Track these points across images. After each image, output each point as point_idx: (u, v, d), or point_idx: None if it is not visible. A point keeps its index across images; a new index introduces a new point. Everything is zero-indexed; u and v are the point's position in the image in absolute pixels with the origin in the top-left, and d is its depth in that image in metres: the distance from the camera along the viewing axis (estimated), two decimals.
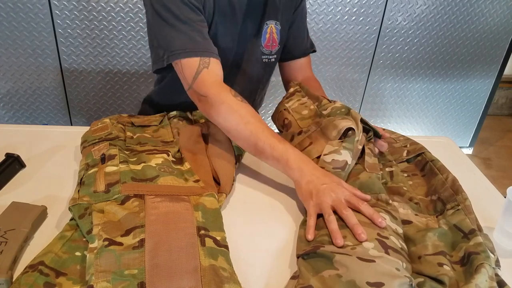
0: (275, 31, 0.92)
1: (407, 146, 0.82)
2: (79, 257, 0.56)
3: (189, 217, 0.60)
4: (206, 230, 0.58)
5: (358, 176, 0.69)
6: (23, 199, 0.66)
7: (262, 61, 0.95)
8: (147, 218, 0.58)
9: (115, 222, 0.58)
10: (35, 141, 0.85)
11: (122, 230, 0.57)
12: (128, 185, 0.64)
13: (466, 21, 1.83)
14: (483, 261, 0.53)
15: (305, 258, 0.55)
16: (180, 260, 0.52)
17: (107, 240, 0.55)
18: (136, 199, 0.62)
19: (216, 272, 0.52)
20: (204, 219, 0.61)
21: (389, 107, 2.04)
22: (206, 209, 0.63)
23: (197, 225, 0.59)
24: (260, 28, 0.90)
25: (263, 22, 0.90)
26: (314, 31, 1.76)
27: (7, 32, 1.59)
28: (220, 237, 0.58)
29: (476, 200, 0.68)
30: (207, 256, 0.54)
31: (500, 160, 2.26)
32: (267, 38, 0.92)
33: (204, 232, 0.58)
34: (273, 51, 0.95)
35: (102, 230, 0.56)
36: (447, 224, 0.63)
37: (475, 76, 2.00)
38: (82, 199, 0.63)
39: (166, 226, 0.57)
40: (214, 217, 0.62)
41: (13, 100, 1.76)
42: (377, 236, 0.55)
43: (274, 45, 0.94)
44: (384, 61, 1.89)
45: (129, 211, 0.60)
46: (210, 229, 0.59)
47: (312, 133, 0.77)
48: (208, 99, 0.73)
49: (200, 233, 0.57)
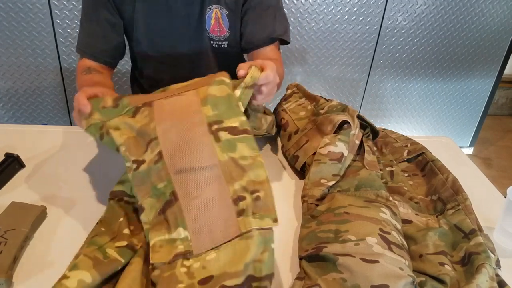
0: (220, 16, 0.91)
1: (408, 146, 0.82)
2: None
3: (197, 108, 0.59)
4: (219, 123, 0.58)
5: (358, 173, 0.69)
6: (22, 199, 0.66)
7: (211, 46, 0.94)
8: (157, 127, 0.59)
9: (134, 138, 0.60)
10: (35, 141, 0.85)
11: (142, 146, 0.59)
12: (135, 96, 0.64)
13: (466, 21, 1.82)
14: (483, 261, 0.54)
15: (309, 260, 0.55)
16: (199, 160, 0.54)
17: (134, 162, 0.58)
18: (145, 108, 0.62)
19: (236, 163, 0.54)
20: (216, 111, 0.59)
21: (389, 107, 2.04)
22: (216, 98, 0.60)
23: (208, 121, 0.58)
24: (202, 12, 0.90)
25: (205, 6, 0.89)
26: (314, 31, 1.76)
27: (7, 32, 1.59)
28: (238, 123, 0.58)
29: (477, 200, 0.67)
30: (224, 151, 0.55)
31: (500, 160, 2.26)
32: (212, 23, 0.91)
33: (217, 126, 0.57)
34: (222, 36, 0.93)
35: (127, 150, 0.59)
36: (448, 224, 0.63)
37: (475, 76, 2.00)
38: (93, 118, 0.62)
39: (177, 129, 0.58)
40: (227, 105, 0.59)
41: (12, 100, 1.76)
42: (379, 232, 0.55)
43: (222, 30, 0.93)
44: (384, 61, 1.89)
45: (141, 124, 0.60)
46: (225, 119, 0.58)
47: (309, 131, 0.77)
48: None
49: (212, 129, 0.57)
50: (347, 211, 0.60)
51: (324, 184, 0.68)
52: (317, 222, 0.61)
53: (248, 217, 0.52)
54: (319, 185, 0.68)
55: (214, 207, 0.53)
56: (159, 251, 0.52)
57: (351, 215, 0.58)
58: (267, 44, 0.92)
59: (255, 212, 0.52)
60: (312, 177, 0.69)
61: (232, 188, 0.53)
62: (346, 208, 0.60)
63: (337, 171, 0.70)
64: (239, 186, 0.54)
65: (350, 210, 0.60)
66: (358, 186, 0.67)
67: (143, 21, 0.90)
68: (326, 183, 0.68)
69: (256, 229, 0.51)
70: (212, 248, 0.51)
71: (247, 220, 0.51)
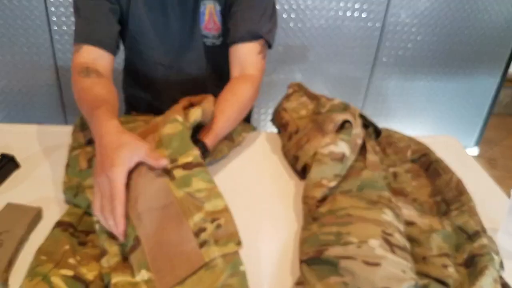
0: (214, 12, 0.88)
1: (411, 146, 0.81)
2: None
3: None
4: (174, 162, 0.59)
5: (360, 173, 0.68)
6: (18, 200, 0.65)
7: (204, 45, 0.92)
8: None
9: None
10: (30, 141, 0.85)
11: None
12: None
13: (470, 18, 1.80)
14: (487, 263, 0.53)
15: (309, 263, 0.54)
16: (156, 201, 0.55)
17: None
18: None
19: (193, 196, 0.55)
20: (170, 149, 0.60)
21: (392, 106, 2.02)
22: (169, 136, 0.62)
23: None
24: (196, 8, 0.88)
25: (199, 1, 0.87)
26: (315, 27, 1.75)
27: (2, 29, 1.58)
28: (191, 157, 0.59)
29: (481, 201, 0.67)
30: (180, 187, 0.56)
31: (505, 160, 2.25)
32: (206, 19, 0.89)
33: (171, 165, 0.58)
34: (216, 34, 0.91)
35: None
36: (451, 226, 0.62)
37: (480, 75, 1.98)
38: (72, 181, 0.67)
39: (135, 175, 0.57)
40: (179, 140, 0.61)
41: (7, 98, 1.75)
42: (382, 234, 0.54)
43: (216, 27, 0.90)
44: (387, 58, 1.87)
45: None
46: (179, 155, 0.59)
47: (309, 130, 0.76)
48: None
49: (168, 168, 0.58)
50: (349, 213, 0.59)
51: (325, 184, 0.67)
52: (318, 225, 0.60)
53: (211, 246, 0.51)
54: (320, 185, 0.67)
55: (174, 244, 0.53)
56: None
57: (353, 217, 0.58)
58: (246, 41, 0.85)
59: (218, 240, 0.52)
60: (313, 177, 0.69)
61: (192, 221, 0.53)
62: (348, 210, 0.59)
63: (339, 171, 0.69)
64: (198, 218, 0.54)
65: (352, 212, 0.59)
66: (360, 187, 0.66)
67: (137, 15, 0.89)
68: (327, 184, 0.67)
69: (220, 257, 0.51)
70: (177, 284, 0.50)
71: (210, 249, 0.51)
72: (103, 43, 0.83)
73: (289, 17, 1.71)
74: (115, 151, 0.56)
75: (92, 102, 0.69)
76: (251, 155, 0.85)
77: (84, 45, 0.82)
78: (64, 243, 0.56)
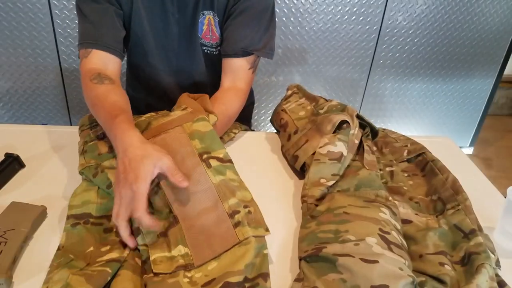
0: (213, 23, 0.90)
1: (408, 146, 0.82)
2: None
3: (186, 141, 0.67)
4: (208, 153, 0.66)
5: (357, 172, 0.69)
6: (22, 199, 0.66)
7: (203, 52, 0.94)
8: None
9: None
10: (34, 141, 0.85)
11: None
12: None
13: (466, 20, 1.82)
14: (483, 261, 0.54)
15: (308, 260, 0.55)
16: (195, 184, 0.61)
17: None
18: None
19: (227, 184, 0.63)
20: (203, 144, 0.67)
21: (389, 107, 2.04)
22: (202, 133, 0.69)
23: (198, 152, 0.66)
24: (195, 18, 0.89)
25: (198, 12, 0.89)
26: (314, 30, 1.76)
27: (7, 31, 1.59)
28: (222, 154, 0.67)
29: (476, 200, 0.67)
30: (216, 174, 0.64)
31: (500, 160, 2.26)
32: (204, 29, 0.90)
33: (206, 156, 0.66)
34: (214, 43, 0.92)
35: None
36: (447, 224, 0.63)
37: (475, 76, 1.99)
38: (90, 162, 0.70)
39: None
40: (211, 139, 0.68)
41: (12, 99, 1.76)
42: (379, 232, 0.55)
43: (214, 37, 0.92)
44: (384, 60, 1.89)
45: None
46: (212, 150, 0.67)
47: (308, 131, 0.77)
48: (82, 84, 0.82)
49: (203, 158, 0.65)
50: (346, 211, 0.60)
51: (323, 184, 0.68)
52: (316, 223, 0.60)
53: (245, 227, 0.58)
54: (319, 185, 0.68)
55: (212, 224, 0.59)
56: (160, 264, 0.55)
57: (351, 215, 0.59)
58: (238, 56, 0.88)
59: (249, 223, 0.59)
60: (312, 177, 0.70)
61: (227, 204, 0.61)
62: (346, 208, 0.60)
63: (337, 170, 0.70)
64: (233, 201, 0.61)
65: (349, 210, 0.60)
66: (357, 186, 0.67)
67: (139, 20, 0.89)
68: (325, 183, 0.68)
69: (253, 236, 0.57)
70: (213, 258, 0.55)
71: (244, 229, 0.58)
72: (112, 48, 0.84)
73: (288, 20, 1.72)
74: (140, 163, 0.57)
75: (110, 110, 0.70)
76: (251, 155, 0.85)
77: (92, 49, 0.82)
78: (87, 243, 0.58)
